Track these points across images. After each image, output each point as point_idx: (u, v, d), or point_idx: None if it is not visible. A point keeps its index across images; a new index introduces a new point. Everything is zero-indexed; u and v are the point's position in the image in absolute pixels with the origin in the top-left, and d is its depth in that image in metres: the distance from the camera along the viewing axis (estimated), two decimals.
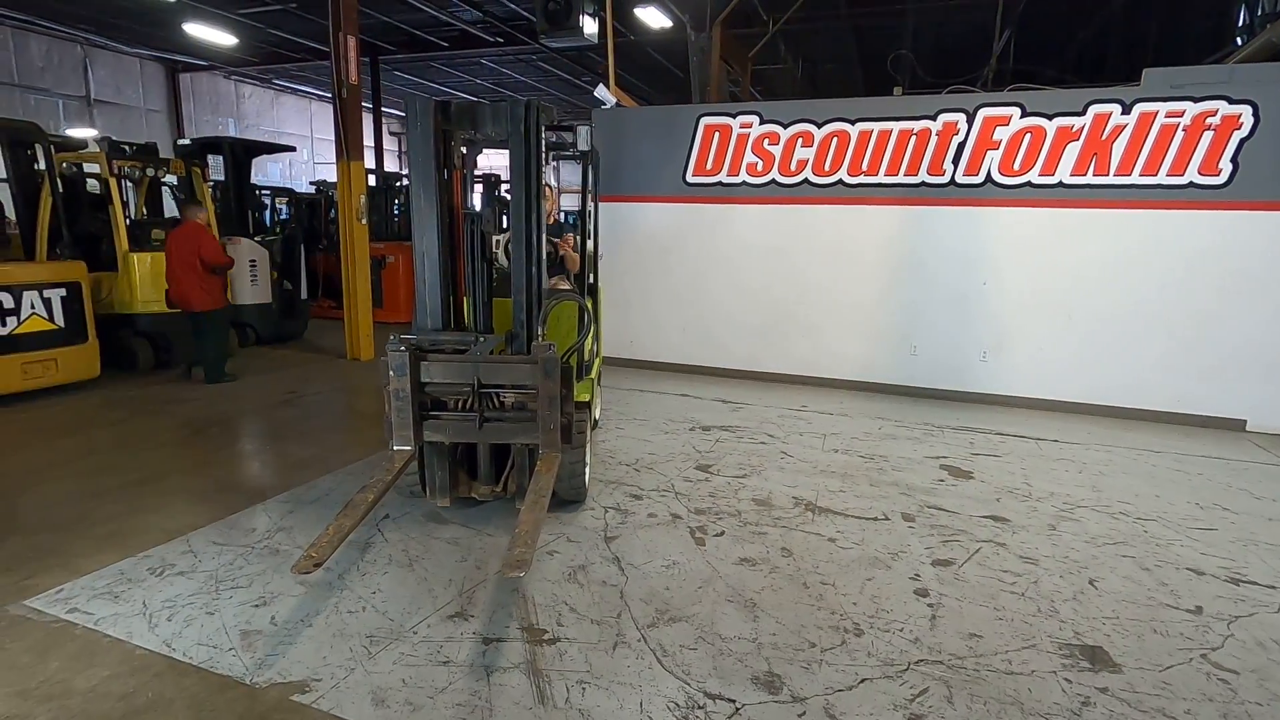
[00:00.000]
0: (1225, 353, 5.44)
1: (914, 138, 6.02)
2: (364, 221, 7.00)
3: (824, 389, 6.53)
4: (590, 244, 4.31)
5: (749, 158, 6.59)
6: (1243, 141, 5.20)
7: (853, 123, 6.18)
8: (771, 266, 6.68)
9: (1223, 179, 5.29)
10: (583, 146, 3.49)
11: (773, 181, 6.55)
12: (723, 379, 6.83)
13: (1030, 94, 5.73)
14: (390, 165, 22.38)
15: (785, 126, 6.40)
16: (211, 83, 18.13)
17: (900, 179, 6.12)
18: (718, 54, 10.88)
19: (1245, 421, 5.50)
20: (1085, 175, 5.61)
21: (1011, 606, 2.86)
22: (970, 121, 5.83)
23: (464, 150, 3.35)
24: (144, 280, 6.28)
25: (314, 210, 11.90)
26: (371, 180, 8.54)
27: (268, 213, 12.16)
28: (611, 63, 7.23)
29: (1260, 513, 3.90)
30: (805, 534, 3.50)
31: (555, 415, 3.07)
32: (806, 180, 6.42)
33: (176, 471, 4.19)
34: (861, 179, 6.24)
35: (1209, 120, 5.26)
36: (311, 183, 11.64)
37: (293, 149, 9.60)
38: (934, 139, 5.96)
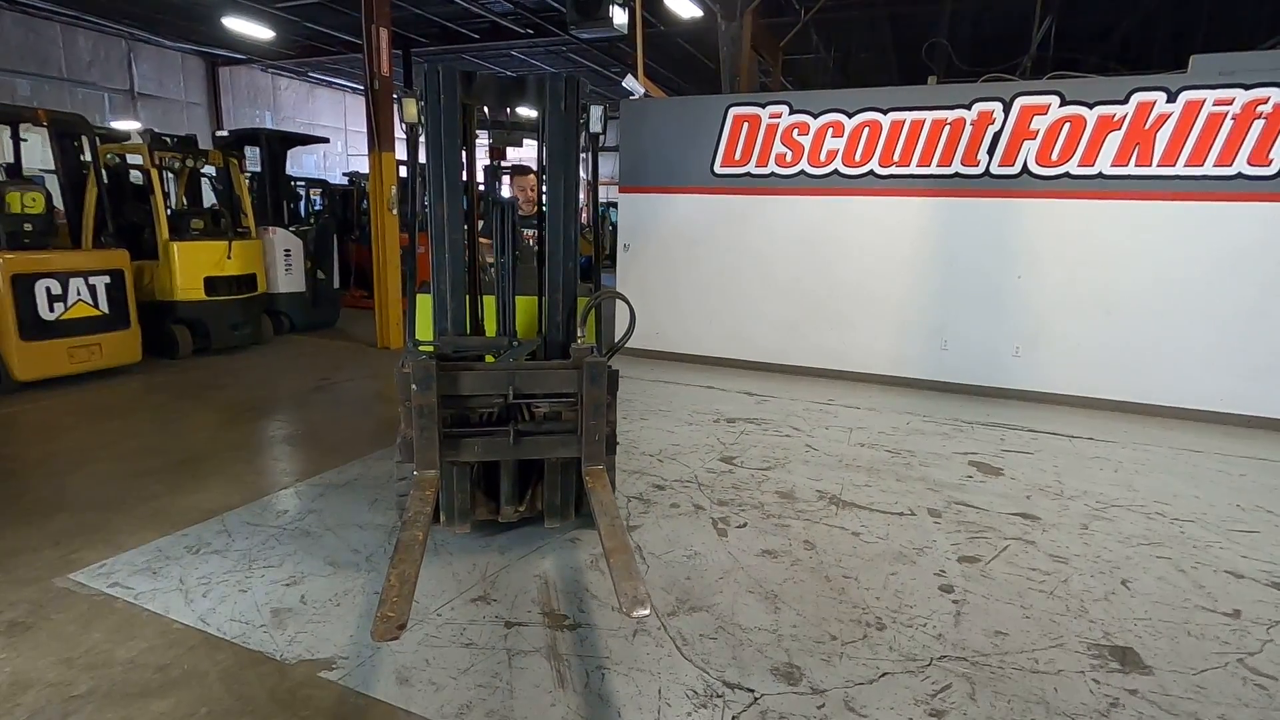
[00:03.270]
0: (1273, 350, 5.25)
1: (948, 128, 5.90)
2: (394, 212, 7.09)
3: (852, 383, 6.45)
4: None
5: (778, 148, 6.52)
6: None
7: (885, 112, 6.08)
8: (800, 258, 6.61)
9: (1274, 169, 5.08)
10: (595, 129, 3.14)
11: (802, 173, 6.47)
12: (749, 371, 6.79)
13: (1069, 82, 5.56)
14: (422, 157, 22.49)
15: (815, 116, 6.32)
16: (249, 76, 18.48)
17: (933, 170, 6.01)
18: (748, 43, 10.77)
19: None
20: (1127, 166, 5.44)
21: (1039, 605, 2.81)
22: (1006, 111, 5.69)
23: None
24: (184, 268, 6.45)
25: (346, 201, 12.10)
26: (403, 171, 8.65)
27: (302, 203, 12.39)
28: (640, 53, 7.20)
29: None
30: (829, 527, 3.47)
31: (601, 425, 2.91)
32: (836, 171, 6.34)
33: (214, 454, 4.31)
34: (893, 170, 6.14)
35: (1260, 109, 5.06)
36: (344, 174, 11.80)
37: (326, 140, 9.76)
38: (968, 129, 5.83)
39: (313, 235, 8.13)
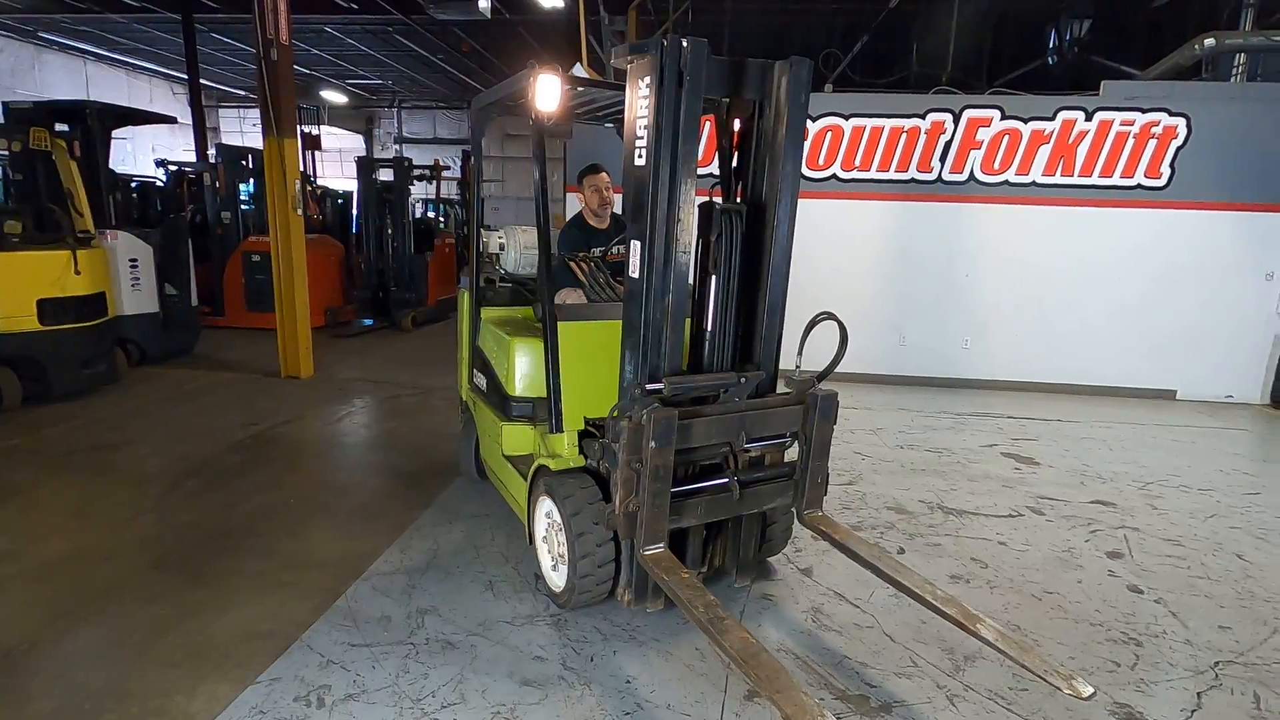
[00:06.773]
0: (1162, 334, 6.25)
1: (904, 135, 6.21)
2: (300, 213, 5.80)
3: None
4: None
5: None
6: (1179, 149, 5.98)
7: (846, 118, 6.23)
8: None
9: (1163, 181, 6.04)
10: None
11: None
12: None
13: (1008, 98, 6.14)
14: (234, 141, 19.07)
15: None
16: None
17: (892, 175, 6.29)
18: (633, 38, 10.55)
19: (1175, 392, 6.37)
20: (1054, 175, 6.14)
21: (1217, 593, 2.99)
22: (956, 121, 6.12)
23: None
24: (7, 289, 4.68)
25: (145, 198, 9.79)
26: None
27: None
28: (584, 40, 6.65)
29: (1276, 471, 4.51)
30: (973, 540, 3.43)
31: (824, 465, 2.59)
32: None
33: (191, 548, 3.14)
34: (855, 174, 6.33)
35: (1153, 130, 5.97)
36: (159, 162, 9.46)
37: (173, 120, 7.71)
38: (923, 137, 6.19)
39: (158, 239, 6.37)
